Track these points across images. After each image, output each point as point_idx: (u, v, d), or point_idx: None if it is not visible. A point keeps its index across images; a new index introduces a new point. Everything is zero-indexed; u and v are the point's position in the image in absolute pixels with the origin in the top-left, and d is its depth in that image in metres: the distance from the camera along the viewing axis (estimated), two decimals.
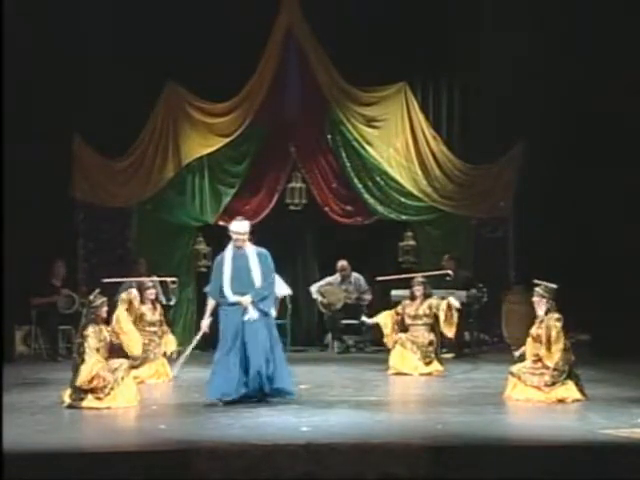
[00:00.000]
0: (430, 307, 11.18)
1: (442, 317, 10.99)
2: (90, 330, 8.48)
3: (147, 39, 13.20)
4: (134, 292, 10.09)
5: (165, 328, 10.81)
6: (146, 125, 13.79)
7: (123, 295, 9.61)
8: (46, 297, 12.76)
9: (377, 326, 11.55)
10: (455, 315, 11.06)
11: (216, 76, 13.60)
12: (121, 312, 9.00)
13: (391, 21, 13.48)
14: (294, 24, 13.66)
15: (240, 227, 8.91)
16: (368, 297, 13.59)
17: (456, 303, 11.14)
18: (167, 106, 13.82)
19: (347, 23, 13.45)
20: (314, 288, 13.63)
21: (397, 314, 11.32)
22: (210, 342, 13.27)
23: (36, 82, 12.85)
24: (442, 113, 14.31)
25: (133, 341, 8.88)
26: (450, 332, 11.09)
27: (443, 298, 11.52)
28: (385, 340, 11.38)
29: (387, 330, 11.27)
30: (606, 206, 12.70)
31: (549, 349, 8.68)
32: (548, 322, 8.74)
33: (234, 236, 8.87)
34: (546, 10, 13.02)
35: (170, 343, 10.78)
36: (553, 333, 8.66)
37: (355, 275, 13.70)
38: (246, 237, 8.91)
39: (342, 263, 13.57)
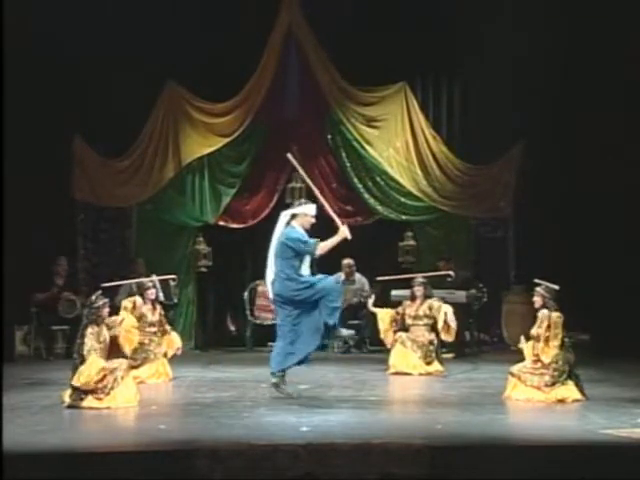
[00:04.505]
0: (430, 308, 11.18)
1: (440, 324, 10.99)
2: (89, 331, 8.47)
3: (147, 39, 13.19)
4: (138, 300, 10.46)
5: (166, 328, 10.77)
6: (146, 125, 13.79)
7: (126, 302, 10.26)
8: (49, 298, 12.73)
9: (375, 319, 11.50)
10: (453, 325, 11.02)
11: (216, 76, 13.61)
12: (126, 313, 9.56)
13: (391, 21, 13.49)
14: (294, 24, 13.67)
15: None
16: (371, 298, 13.53)
17: (453, 323, 11.04)
18: (167, 106, 13.83)
19: (347, 23, 13.46)
20: None
21: (397, 314, 11.32)
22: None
23: (36, 82, 12.84)
24: (442, 113, 14.33)
25: (130, 340, 9.04)
26: (449, 338, 11.09)
27: (443, 299, 11.51)
28: (382, 336, 11.37)
29: (384, 325, 11.26)
30: (606, 206, 12.70)
31: (547, 344, 8.68)
32: (551, 317, 8.74)
33: (314, 220, 9.00)
34: (546, 10, 13.02)
35: (173, 342, 10.73)
36: (552, 330, 8.67)
37: (358, 275, 13.69)
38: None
39: (348, 261, 13.45)
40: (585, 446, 6.72)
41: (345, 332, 9.51)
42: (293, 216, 9.01)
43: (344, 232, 8.97)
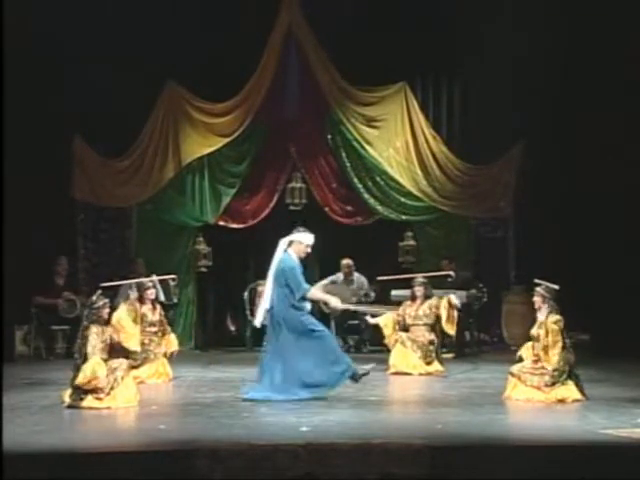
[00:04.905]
0: (430, 307, 11.20)
1: (444, 316, 11.01)
2: (92, 330, 8.47)
3: (147, 39, 13.19)
4: (134, 295, 10.40)
5: (166, 328, 10.77)
6: (146, 125, 13.79)
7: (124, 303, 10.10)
8: (49, 298, 12.74)
9: (377, 327, 11.54)
10: (456, 312, 11.08)
11: (216, 76, 13.61)
12: (122, 310, 9.19)
13: (391, 21, 13.49)
14: (294, 24, 13.67)
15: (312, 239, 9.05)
16: (371, 297, 13.55)
17: (456, 301, 11.13)
18: (167, 106, 13.83)
19: (347, 23, 13.45)
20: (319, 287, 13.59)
21: (399, 316, 11.32)
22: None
23: (37, 82, 12.83)
24: (442, 113, 14.34)
25: (131, 335, 8.95)
26: (452, 330, 11.13)
27: (442, 298, 11.53)
28: (386, 341, 11.38)
29: (388, 331, 11.28)
30: (606, 206, 12.70)
31: (547, 352, 8.69)
32: (547, 324, 8.74)
33: (309, 250, 8.99)
34: (546, 10, 13.03)
35: (171, 343, 10.74)
36: (550, 337, 8.67)
37: (357, 275, 13.69)
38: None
39: (347, 261, 13.49)
40: (585, 446, 6.71)
41: (363, 370, 9.39)
42: (290, 243, 8.92)
43: (338, 303, 9.19)
